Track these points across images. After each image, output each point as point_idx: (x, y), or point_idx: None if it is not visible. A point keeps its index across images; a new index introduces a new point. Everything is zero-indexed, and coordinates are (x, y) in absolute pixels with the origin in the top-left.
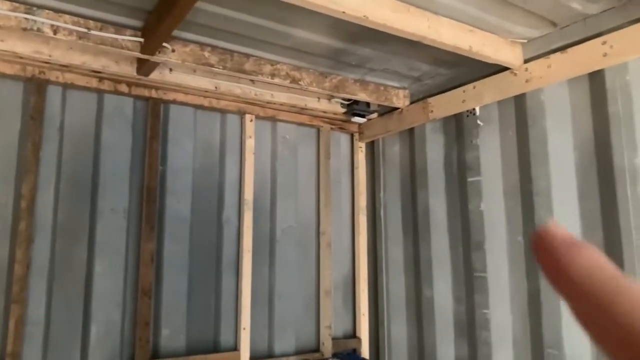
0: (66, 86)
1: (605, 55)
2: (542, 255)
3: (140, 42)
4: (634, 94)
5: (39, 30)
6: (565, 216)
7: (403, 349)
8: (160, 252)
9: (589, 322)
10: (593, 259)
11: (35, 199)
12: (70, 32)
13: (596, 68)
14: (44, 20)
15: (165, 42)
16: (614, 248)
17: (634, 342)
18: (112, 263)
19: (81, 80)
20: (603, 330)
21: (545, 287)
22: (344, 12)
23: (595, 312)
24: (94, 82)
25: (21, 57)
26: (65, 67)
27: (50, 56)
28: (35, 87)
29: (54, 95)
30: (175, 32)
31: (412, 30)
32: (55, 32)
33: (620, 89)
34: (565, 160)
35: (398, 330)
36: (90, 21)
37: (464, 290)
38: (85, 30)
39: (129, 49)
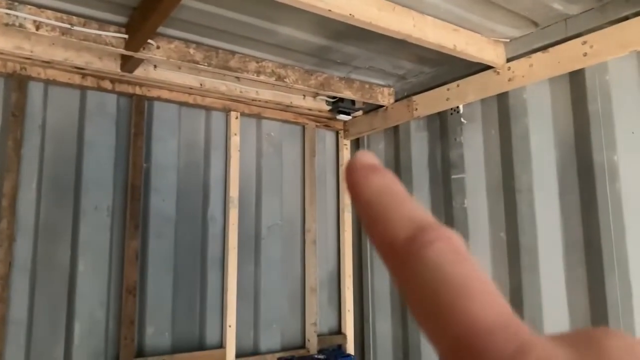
0: (48, 82)
1: (585, 55)
2: (346, 178)
3: (124, 38)
4: (613, 93)
5: (20, 25)
6: (546, 212)
7: (388, 344)
8: (145, 250)
9: (371, 233)
10: (383, 180)
11: (16, 197)
12: (53, 27)
13: (577, 67)
14: (26, 16)
15: (150, 38)
16: (592, 242)
17: (396, 244)
18: (96, 261)
19: (63, 77)
20: (379, 239)
21: (527, 282)
22: (330, 10)
23: (375, 222)
24: (76, 79)
25: (2, 53)
26: (47, 63)
27: (31, 52)
28: (17, 83)
29: (35, 91)
30: (160, 29)
31: (397, 29)
32: (37, 28)
33: (599, 88)
34: (547, 158)
35: (383, 327)
36: (74, 17)
37: None
38: (68, 26)
39: (112, 45)
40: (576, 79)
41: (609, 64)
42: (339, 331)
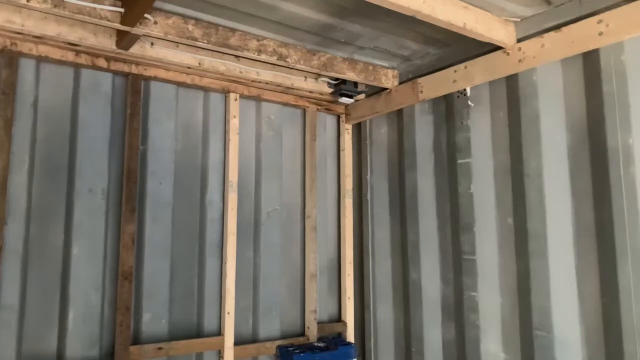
0: (40, 59)
1: (600, 34)
2: None
3: (120, 12)
4: (629, 73)
5: None
6: (557, 196)
7: (389, 332)
8: (141, 235)
9: None
10: None
11: (7, 178)
12: None
13: (591, 47)
14: None
15: (147, 13)
16: (605, 228)
17: None
18: (91, 246)
19: (56, 53)
20: None
21: (535, 269)
22: None
23: None
24: (70, 56)
25: None
26: (39, 39)
27: (22, 26)
28: (7, 59)
29: (27, 68)
30: (158, 3)
31: (406, 4)
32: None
33: (615, 69)
34: (557, 141)
35: (384, 314)
36: None
37: (452, 272)
38: None
39: (108, 20)
40: (590, 59)
41: (625, 44)
42: (338, 319)
